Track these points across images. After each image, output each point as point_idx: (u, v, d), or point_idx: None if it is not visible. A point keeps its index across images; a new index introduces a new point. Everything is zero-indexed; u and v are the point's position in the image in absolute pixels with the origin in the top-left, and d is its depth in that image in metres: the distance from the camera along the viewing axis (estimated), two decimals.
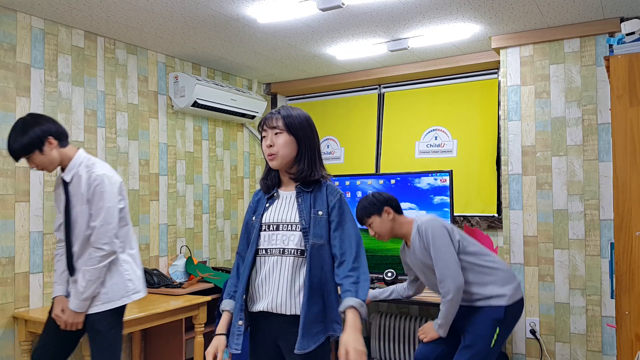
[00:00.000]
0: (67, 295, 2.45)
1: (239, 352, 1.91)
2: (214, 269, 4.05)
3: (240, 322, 1.91)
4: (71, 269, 2.45)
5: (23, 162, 2.86)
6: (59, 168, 2.48)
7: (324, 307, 1.90)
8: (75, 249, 2.42)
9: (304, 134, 1.93)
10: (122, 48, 3.68)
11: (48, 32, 3.22)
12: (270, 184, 2.00)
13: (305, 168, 1.92)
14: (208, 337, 3.94)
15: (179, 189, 4.10)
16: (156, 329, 3.58)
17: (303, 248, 1.88)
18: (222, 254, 4.50)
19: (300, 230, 1.89)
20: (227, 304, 1.98)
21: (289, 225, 1.91)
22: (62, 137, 2.42)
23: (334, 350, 3.03)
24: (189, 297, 3.37)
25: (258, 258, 1.93)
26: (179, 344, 3.51)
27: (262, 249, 1.93)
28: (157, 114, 3.93)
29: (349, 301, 1.80)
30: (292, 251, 1.89)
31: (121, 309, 2.49)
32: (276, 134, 1.90)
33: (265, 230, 1.93)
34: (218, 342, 1.93)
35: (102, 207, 2.37)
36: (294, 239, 1.89)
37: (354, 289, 1.82)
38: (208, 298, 3.42)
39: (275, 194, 1.98)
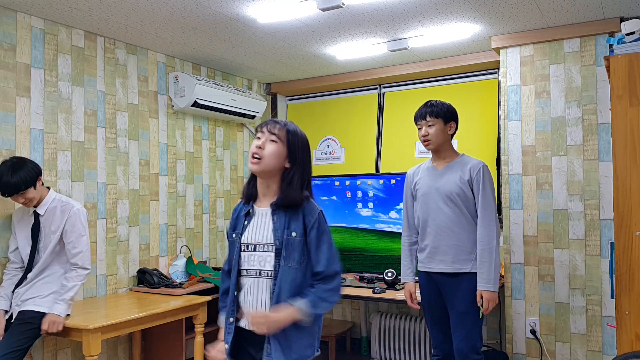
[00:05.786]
0: (7, 311, 2.83)
1: None
2: (214, 269, 4.05)
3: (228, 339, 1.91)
4: (21, 282, 2.84)
5: None
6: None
7: (297, 329, 1.85)
8: (36, 267, 2.82)
9: (303, 156, 1.89)
10: (122, 48, 3.68)
11: (48, 32, 3.22)
12: (250, 193, 1.94)
13: (294, 187, 1.86)
14: (208, 337, 3.94)
15: (179, 189, 4.10)
16: (156, 329, 3.57)
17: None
18: (222, 254, 4.50)
19: (274, 252, 1.85)
20: (222, 320, 1.99)
21: (265, 246, 1.87)
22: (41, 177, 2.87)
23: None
24: (189, 297, 3.37)
25: (240, 278, 1.92)
26: (179, 344, 3.51)
27: (243, 269, 1.90)
28: (157, 114, 3.93)
29: (301, 303, 1.80)
30: (269, 273, 1.86)
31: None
32: (272, 140, 1.86)
33: (244, 250, 1.91)
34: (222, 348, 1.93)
35: (81, 236, 2.85)
36: (270, 260, 1.85)
37: (314, 301, 1.81)
38: (208, 298, 3.42)
39: (251, 211, 1.93)
